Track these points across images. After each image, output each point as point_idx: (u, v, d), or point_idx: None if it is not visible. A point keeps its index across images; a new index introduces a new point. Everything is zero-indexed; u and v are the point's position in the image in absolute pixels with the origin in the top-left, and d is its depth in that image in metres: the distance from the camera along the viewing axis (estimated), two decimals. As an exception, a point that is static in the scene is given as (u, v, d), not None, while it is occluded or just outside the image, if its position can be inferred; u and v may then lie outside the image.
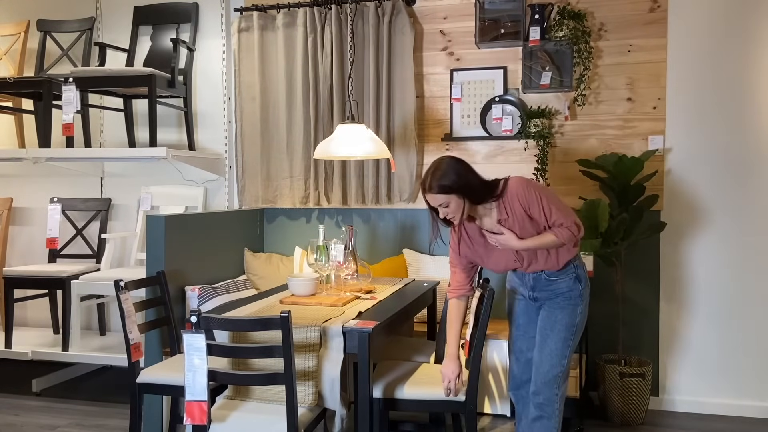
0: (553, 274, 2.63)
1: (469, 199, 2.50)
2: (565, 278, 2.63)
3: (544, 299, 2.67)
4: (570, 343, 2.63)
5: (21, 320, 4.70)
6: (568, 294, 2.63)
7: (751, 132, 3.71)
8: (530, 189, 2.52)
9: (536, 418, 2.64)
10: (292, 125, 4.24)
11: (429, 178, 2.51)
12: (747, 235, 3.73)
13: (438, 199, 2.50)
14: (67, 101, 3.91)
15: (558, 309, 2.63)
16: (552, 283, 2.63)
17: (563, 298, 2.63)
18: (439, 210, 2.53)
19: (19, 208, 4.83)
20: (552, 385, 2.62)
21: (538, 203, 2.50)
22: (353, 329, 2.49)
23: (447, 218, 2.55)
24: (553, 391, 2.62)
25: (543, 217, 2.51)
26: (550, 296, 2.65)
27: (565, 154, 3.92)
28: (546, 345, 2.63)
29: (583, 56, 3.82)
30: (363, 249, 4.23)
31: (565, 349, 2.62)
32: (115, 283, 2.80)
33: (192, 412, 2.33)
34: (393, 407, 2.69)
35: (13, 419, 3.72)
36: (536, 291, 2.67)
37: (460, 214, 2.52)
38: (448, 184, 2.47)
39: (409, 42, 4.06)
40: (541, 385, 2.63)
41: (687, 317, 3.83)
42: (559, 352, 2.62)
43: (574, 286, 2.63)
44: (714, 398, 3.79)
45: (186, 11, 4.40)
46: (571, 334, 2.63)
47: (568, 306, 2.62)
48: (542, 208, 2.51)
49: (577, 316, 2.64)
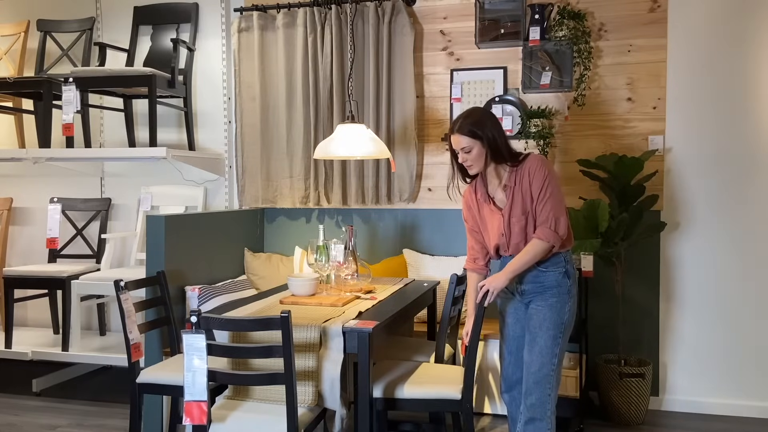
0: (542, 263, 2.61)
1: (491, 152, 2.56)
2: (554, 271, 2.60)
3: (531, 294, 2.64)
4: (559, 341, 2.60)
5: (21, 320, 4.70)
6: (556, 290, 2.60)
7: (751, 131, 3.71)
8: (543, 167, 2.56)
9: (528, 420, 2.61)
10: (292, 125, 4.24)
11: (461, 119, 2.59)
12: (747, 234, 3.73)
13: (463, 141, 2.56)
14: (67, 101, 3.91)
15: (546, 307, 2.60)
16: (540, 275, 2.61)
17: (551, 294, 2.60)
18: (459, 155, 2.60)
19: (19, 208, 4.83)
20: (543, 385, 2.58)
21: (542, 183, 2.54)
22: (353, 329, 2.49)
23: (465, 165, 2.61)
24: (545, 392, 2.59)
25: (537, 199, 2.54)
26: (537, 290, 2.63)
27: (565, 154, 3.92)
28: (535, 343, 2.60)
29: (583, 56, 3.82)
30: (363, 249, 4.23)
31: (554, 347, 2.59)
32: (115, 283, 2.80)
33: (191, 412, 2.32)
34: (393, 407, 2.69)
35: (13, 419, 3.72)
36: (524, 283, 2.65)
37: (478, 164, 2.58)
38: (477, 129, 2.54)
39: (409, 42, 4.06)
40: (532, 385, 2.59)
41: (687, 317, 3.83)
42: (548, 351, 2.59)
43: (562, 281, 2.61)
44: (714, 398, 3.79)
45: (186, 11, 4.40)
46: (560, 332, 2.60)
47: (556, 303, 2.60)
48: (542, 189, 2.54)
49: (565, 313, 2.61)
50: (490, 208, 2.67)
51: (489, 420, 3.63)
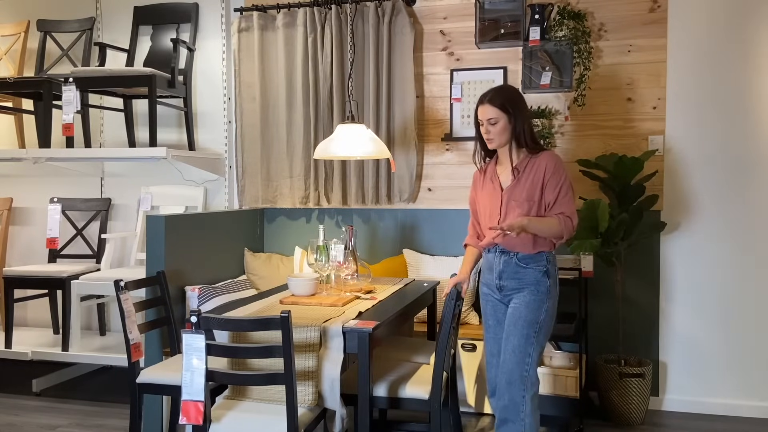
0: (523, 259, 2.60)
1: (515, 131, 2.61)
2: (535, 268, 2.60)
3: (510, 290, 2.63)
4: (533, 341, 2.55)
5: (21, 320, 4.70)
6: (534, 287, 2.59)
7: (751, 131, 3.71)
8: (561, 166, 2.64)
9: (501, 422, 2.56)
10: (292, 125, 4.24)
11: (493, 91, 2.65)
12: (747, 234, 3.73)
13: (490, 112, 2.60)
14: (67, 101, 3.91)
15: (522, 305, 2.58)
16: (520, 270, 2.60)
17: (529, 292, 2.58)
18: (484, 125, 2.63)
19: (19, 208, 4.83)
20: (517, 387, 2.52)
21: (559, 181, 2.59)
22: (353, 329, 2.49)
23: (486, 138, 2.64)
24: (518, 393, 2.51)
25: (553, 196, 2.58)
26: (516, 286, 2.62)
27: (565, 154, 3.92)
28: (509, 342, 2.57)
29: (583, 56, 3.82)
30: (363, 249, 4.23)
31: (527, 346, 2.53)
32: (115, 283, 2.80)
33: (188, 411, 2.32)
34: (393, 407, 2.69)
35: (13, 419, 3.72)
36: (503, 279, 2.64)
37: (499, 139, 2.63)
38: (508, 104, 2.60)
39: (409, 42, 4.06)
40: (504, 386, 2.54)
41: (687, 317, 3.82)
42: (521, 350, 2.53)
43: (541, 279, 2.59)
44: (714, 398, 3.79)
45: (186, 11, 4.40)
46: (534, 332, 2.55)
47: (533, 302, 2.57)
48: (559, 187, 2.59)
49: (542, 313, 2.58)
50: (493, 187, 2.69)
51: (489, 420, 3.63)
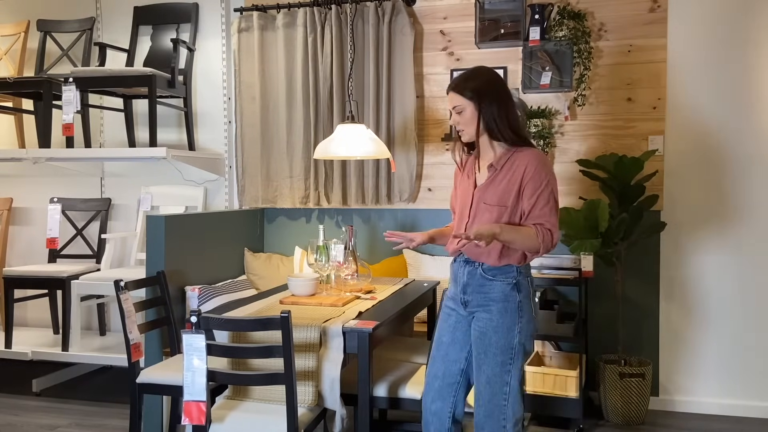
0: (489, 271, 2.29)
1: (485, 121, 2.27)
2: (503, 281, 2.28)
3: (475, 306, 2.32)
4: (510, 368, 2.26)
5: (21, 320, 4.70)
6: (502, 305, 2.27)
7: (751, 131, 3.71)
8: (543, 169, 2.25)
9: None
10: (292, 125, 4.24)
11: (461, 75, 2.33)
12: (746, 234, 3.73)
13: (455, 100, 2.30)
14: (67, 101, 3.91)
15: (491, 329, 2.27)
16: (486, 283, 2.29)
17: (496, 310, 2.27)
18: (452, 114, 2.33)
19: (19, 208, 4.83)
20: (496, 418, 2.26)
21: (538, 187, 2.23)
22: (353, 329, 2.49)
23: (457, 128, 2.34)
24: (498, 424, 2.26)
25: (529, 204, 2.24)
26: (481, 302, 2.30)
27: (565, 154, 3.92)
28: (482, 372, 2.28)
29: (583, 56, 3.82)
30: (363, 249, 4.23)
31: (504, 374, 2.25)
32: (115, 283, 2.80)
33: (190, 411, 2.33)
34: (393, 407, 2.69)
35: (13, 419, 3.72)
36: (467, 293, 2.33)
37: (469, 130, 2.30)
38: (470, 87, 2.26)
39: (409, 42, 4.06)
40: (482, 419, 2.28)
41: (687, 317, 3.82)
42: (497, 379, 2.25)
43: (510, 294, 2.27)
44: (714, 398, 3.79)
45: (186, 11, 4.40)
46: (510, 358, 2.26)
47: (501, 324, 2.26)
48: (537, 195, 2.23)
49: (514, 336, 2.26)
50: (468, 183, 2.39)
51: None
